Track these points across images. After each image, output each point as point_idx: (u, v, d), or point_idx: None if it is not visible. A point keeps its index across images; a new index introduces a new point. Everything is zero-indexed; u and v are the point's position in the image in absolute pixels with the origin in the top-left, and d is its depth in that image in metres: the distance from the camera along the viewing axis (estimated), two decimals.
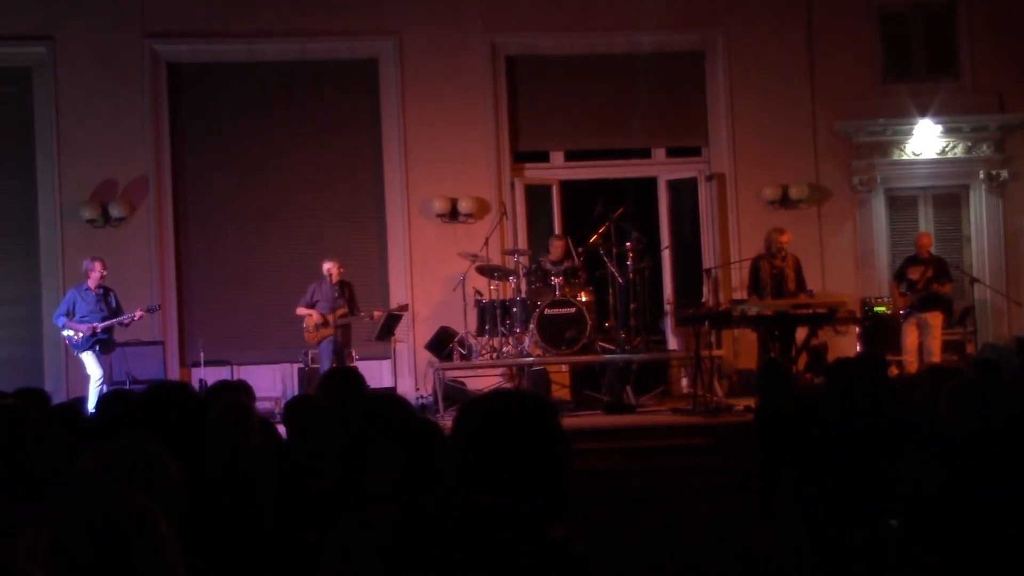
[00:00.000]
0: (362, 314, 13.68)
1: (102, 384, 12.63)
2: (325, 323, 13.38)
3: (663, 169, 16.12)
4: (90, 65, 14.78)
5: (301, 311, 13.59)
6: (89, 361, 12.74)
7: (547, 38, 15.57)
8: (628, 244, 13.82)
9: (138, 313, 12.91)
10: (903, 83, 15.81)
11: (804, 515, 6.50)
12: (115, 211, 14.76)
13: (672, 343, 15.46)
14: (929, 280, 13.57)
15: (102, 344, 12.82)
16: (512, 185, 15.53)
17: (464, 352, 13.67)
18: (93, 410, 7.99)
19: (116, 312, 12.91)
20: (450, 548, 2.30)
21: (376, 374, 13.94)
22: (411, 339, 14.89)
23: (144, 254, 14.85)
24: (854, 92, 15.57)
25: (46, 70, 14.79)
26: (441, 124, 15.22)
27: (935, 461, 4.84)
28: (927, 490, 4.70)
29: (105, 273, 12.93)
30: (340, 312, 13.43)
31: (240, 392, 6.09)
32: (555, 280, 13.42)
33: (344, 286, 13.64)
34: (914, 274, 13.70)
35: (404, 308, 14.15)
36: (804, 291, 13.14)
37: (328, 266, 13.56)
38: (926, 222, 15.63)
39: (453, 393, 13.42)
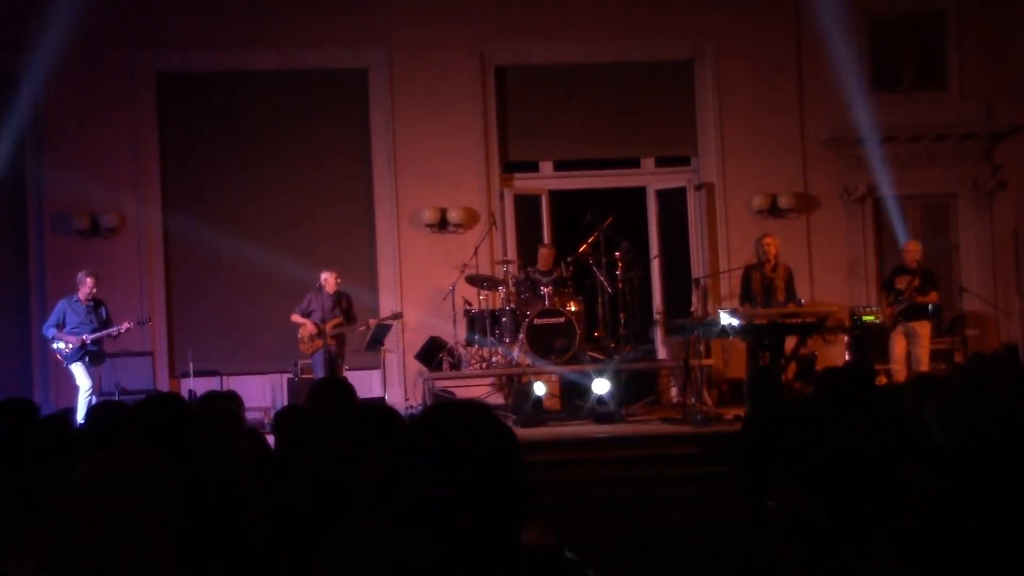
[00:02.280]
0: (359, 325, 13.68)
1: (91, 395, 12.61)
2: (320, 333, 13.37)
3: (652, 179, 16.15)
4: (78, 74, 14.74)
5: (296, 318, 13.59)
6: (78, 372, 12.72)
7: (537, 48, 15.59)
8: (617, 254, 13.86)
9: (126, 325, 12.89)
10: (892, 93, 15.86)
11: (794, 524, 6.51)
12: (104, 222, 14.74)
13: (662, 352, 15.47)
14: (915, 290, 13.62)
15: (92, 356, 12.80)
16: (501, 195, 15.54)
17: (453, 362, 13.67)
18: (82, 421, 7.97)
19: (106, 324, 12.90)
20: (439, 560, 2.31)
21: (366, 384, 13.91)
22: (401, 349, 14.87)
23: (133, 264, 14.82)
24: (843, 102, 15.58)
25: (33, 78, 14.74)
26: (431, 134, 15.23)
27: (925, 470, 4.86)
28: (917, 499, 4.71)
29: (95, 291, 12.91)
30: (334, 323, 13.42)
31: (229, 402, 6.08)
32: (544, 290, 13.43)
33: (341, 297, 13.63)
34: (901, 284, 13.74)
35: (398, 315, 14.15)
36: (794, 301, 13.18)
37: (325, 276, 13.54)
38: (915, 231, 15.65)
39: None
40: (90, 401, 12.28)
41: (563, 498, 10.38)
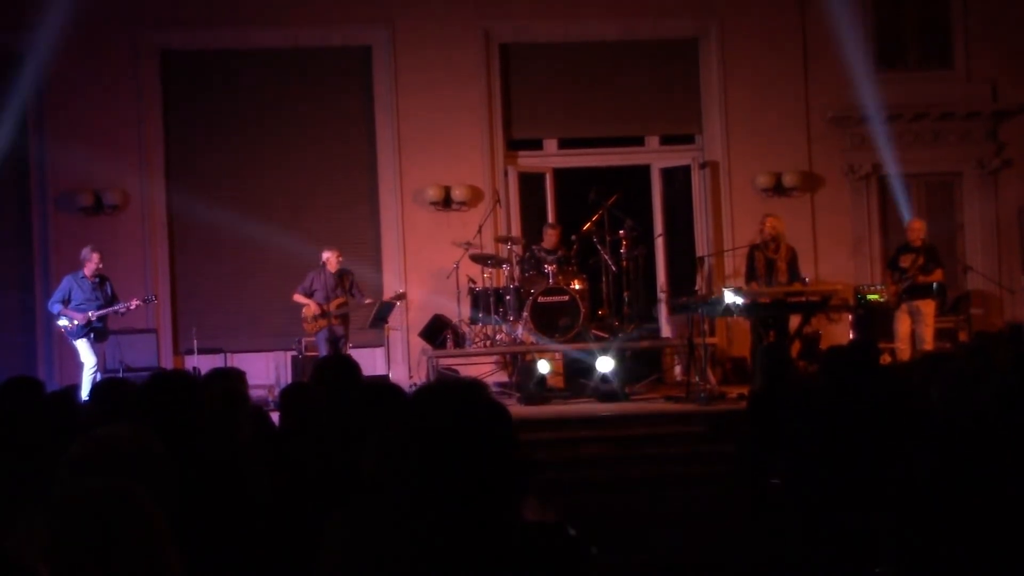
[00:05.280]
0: (366, 300, 13.68)
1: (96, 372, 12.64)
2: (323, 314, 13.37)
3: (656, 157, 16.12)
4: (81, 52, 14.71)
5: (298, 298, 13.59)
6: (83, 349, 12.75)
7: (541, 25, 15.55)
8: (621, 232, 13.85)
9: (134, 303, 12.92)
10: (897, 71, 15.82)
11: (797, 502, 6.51)
12: (108, 199, 14.74)
13: (665, 331, 15.47)
14: (919, 268, 13.61)
15: (97, 332, 12.82)
16: (506, 173, 15.52)
17: (457, 340, 13.67)
18: (87, 398, 7.99)
19: (111, 300, 12.93)
20: (439, 536, 2.32)
21: (370, 362, 13.93)
22: (404, 327, 14.88)
23: (137, 242, 14.83)
24: (848, 80, 15.53)
25: (36, 56, 14.70)
26: (435, 112, 15.21)
27: (928, 448, 4.86)
28: (921, 477, 4.71)
29: (101, 265, 12.94)
30: (337, 302, 13.42)
31: (233, 380, 6.09)
32: (549, 268, 13.42)
33: (343, 275, 13.63)
34: (905, 262, 13.73)
35: (401, 296, 14.15)
36: (798, 281, 13.16)
37: (327, 255, 13.54)
38: (919, 210, 15.62)
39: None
40: (95, 378, 12.31)
41: (566, 476, 10.40)
